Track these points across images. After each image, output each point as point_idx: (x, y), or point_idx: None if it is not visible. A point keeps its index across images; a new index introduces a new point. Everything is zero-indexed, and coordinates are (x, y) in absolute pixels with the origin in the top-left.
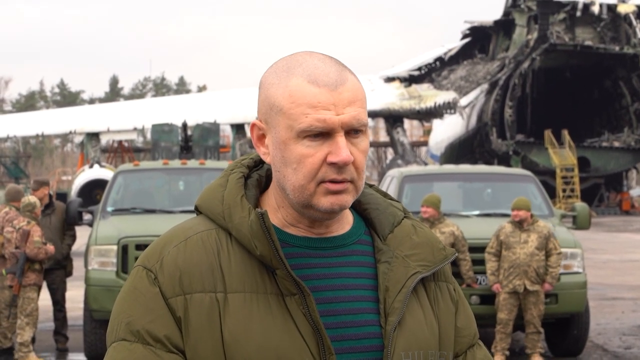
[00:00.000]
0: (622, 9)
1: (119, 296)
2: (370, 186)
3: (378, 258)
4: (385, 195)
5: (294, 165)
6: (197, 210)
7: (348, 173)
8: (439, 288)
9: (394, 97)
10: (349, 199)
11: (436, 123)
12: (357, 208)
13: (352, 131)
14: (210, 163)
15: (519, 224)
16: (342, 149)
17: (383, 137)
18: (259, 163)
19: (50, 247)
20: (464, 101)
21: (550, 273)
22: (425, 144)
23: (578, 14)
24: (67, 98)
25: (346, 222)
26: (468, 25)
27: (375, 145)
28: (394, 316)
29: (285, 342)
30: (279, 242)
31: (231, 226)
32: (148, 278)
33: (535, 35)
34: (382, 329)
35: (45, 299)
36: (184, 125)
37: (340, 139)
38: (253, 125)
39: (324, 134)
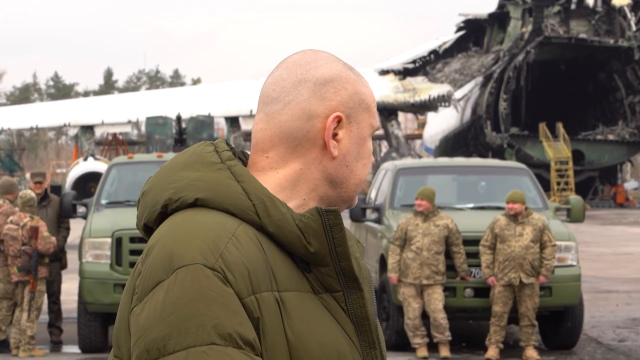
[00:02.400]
0: (617, 1)
1: (181, 297)
2: None
3: None
4: None
5: (365, 160)
6: (195, 204)
7: None
8: None
9: (388, 90)
10: None
11: (430, 116)
12: None
13: None
14: None
15: (514, 217)
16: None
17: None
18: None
19: (54, 239)
20: (458, 94)
21: (545, 265)
22: (419, 137)
23: (573, 6)
24: (62, 91)
25: None
26: (462, 18)
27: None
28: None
29: (340, 339)
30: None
31: (268, 222)
32: (217, 277)
33: (529, 28)
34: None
35: None
36: (178, 118)
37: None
38: (337, 118)
39: None
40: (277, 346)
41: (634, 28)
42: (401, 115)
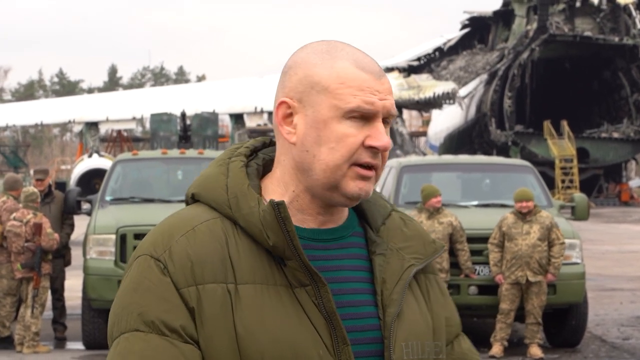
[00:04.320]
0: None
1: (124, 286)
2: None
3: (372, 250)
4: None
5: (332, 144)
6: (192, 199)
7: (379, 159)
8: (428, 280)
9: (393, 88)
10: (372, 187)
11: (435, 113)
12: None
13: (386, 121)
14: (208, 152)
15: (522, 215)
16: (382, 134)
17: None
18: (253, 152)
19: (57, 235)
20: (463, 92)
21: (553, 263)
22: (424, 134)
23: (577, 4)
24: (66, 87)
25: (344, 212)
26: (467, 16)
27: None
28: (392, 307)
29: (300, 334)
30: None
31: (238, 216)
32: (157, 267)
33: (534, 25)
34: (380, 321)
35: None
36: (183, 115)
37: (380, 125)
38: (282, 103)
39: (365, 118)
40: (218, 336)
41: (639, 26)
42: (406, 113)
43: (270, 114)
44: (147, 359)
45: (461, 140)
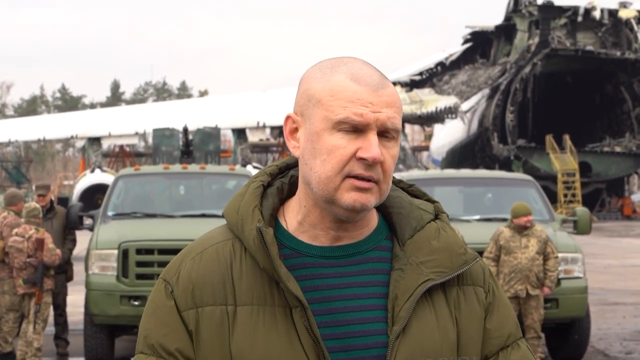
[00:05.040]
0: (624, 14)
1: (145, 308)
2: (400, 184)
3: (393, 265)
4: (423, 195)
5: (323, 156)
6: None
7: (375, 172)
8: (463, 292)
9: None
10: (372, 200)
11: (437, 128)
12: (382, 211)
13: (385, 134)
14: (211, 168)
15: (519, 229)
16: (373, 146)
17: None
18: (283, 170)
19: (59, 251)
20: (465, 106)
21: (549, 277)
22: (426, 148)
23: (579, 19)
24: (69, 103)
25: (367, 227)
26: (469, 30)
27: None
28: (397, 325)
29: (287, 355)
30: (281, 255)
31: (242, 237)
32: (165, 291)
33: (536, 40)
34: (389, 338)
35: None
36: (185, 130)
37: (373, 137)
38: (288, 118)
39: (357, 130)
40: (213, 357)
41: None
42: (408, 127)
43: (272, 128)
44: None
45: (463, 155)
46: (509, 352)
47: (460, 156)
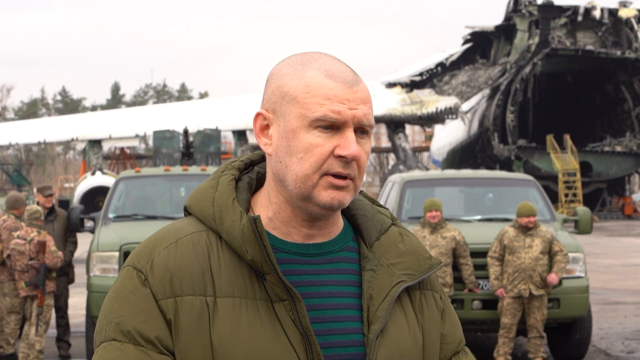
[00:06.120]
0: (624, 13)
1: (108, 295)
2: (360, 192)
3: (363, 265)
4: (373, 202)
5: (300, 154)
6: (187, 212)
7: (352, 169)
8: (424, 296)
9: (395, 103)
10: (347, 197)
11: (438, 128)
12: (346, 214)
13: (359, 131)
14: (211, 169)
15: (523, 229)
16: (351, 143)
17: (385, 142)
18: (249, 165)
19: (61, 253)
20: (465, 106)
21: (557, 265)
22: (427, 149)
23: (579, 18)
24: (69, 105)
25: (336, 226)
26: (469, 31)
27: (377, 151)
28: (376, 324)
29: (274, 349)
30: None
31: (222, 229)
32: (138, 278)
33: (536, 40)
34: (364, 337)
35: None
36: (185, 132)
37: (350, 134)
38: (258, 115)
39: (334, 127)
40: (192, 348)
41: None
42: (408, 128)
43: None
44: None
45: (464, 155)
46: (459, 358)
47: (461, 156)
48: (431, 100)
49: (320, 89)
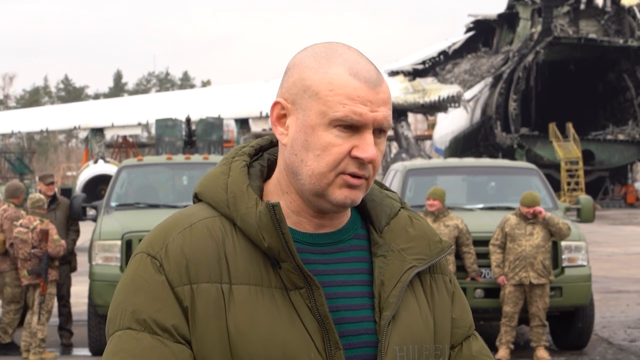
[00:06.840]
0: (626, 1)
1: (121, 284)
2: None
3: (374, 252)
4: (381, 186)
5: (317, 151)
6: (196, 198)
7: (367, 170)
8: (435, 280)
9: (398, 91)
10: (360, 195)
11: (440, 117)
12: None
13: (377, 131)
14: (213, 158)
15: (525, 217)
16: (369, 146)
17: None
18: (258, 151)
19: (64, 242)
20: (468, 95)
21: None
22: (429, 137)
23: (582, 6)
24: (72, 94)
25: (346, 215)
26: (472, 19)
27: None
28: (388, 311)
29: (291, 336)
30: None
31: (236, 215)
32: (153, 265)
33: (539, 28)
34: (376, 324)
35: None
36: (188, 120)
37: (369, 136)
38: (276, 104)
39: (353, 128)
40: (210, 335)
41: None
42: (411, 116)
43: None
44: (136, 357)
45: (467, 144)
46: (470, 342)
47: (464, 145)
48: (434, 89)
49: (344, 87)
